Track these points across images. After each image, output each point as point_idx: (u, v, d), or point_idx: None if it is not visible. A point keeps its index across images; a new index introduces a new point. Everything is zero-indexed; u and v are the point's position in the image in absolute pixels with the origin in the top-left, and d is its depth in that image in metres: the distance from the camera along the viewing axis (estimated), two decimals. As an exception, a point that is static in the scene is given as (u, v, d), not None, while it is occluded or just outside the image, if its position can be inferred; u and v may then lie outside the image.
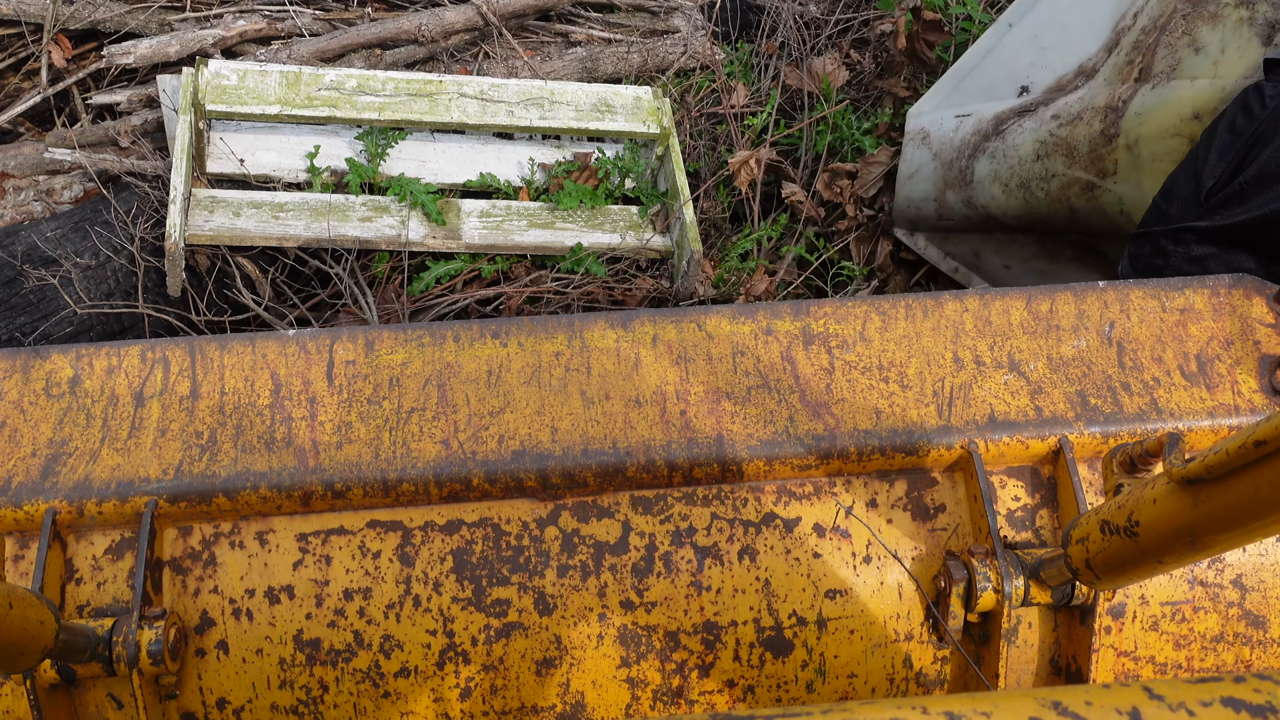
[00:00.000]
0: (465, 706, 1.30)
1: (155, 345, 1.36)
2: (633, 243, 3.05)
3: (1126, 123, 2.42)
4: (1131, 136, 2.40)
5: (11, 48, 3.36)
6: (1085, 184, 2.57)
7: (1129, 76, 2.51)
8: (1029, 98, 2.86)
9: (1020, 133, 2.77)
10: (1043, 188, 2.68)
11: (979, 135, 2.92)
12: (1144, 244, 2.07)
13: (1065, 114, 2.64)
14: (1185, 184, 1.99)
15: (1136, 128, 2.39)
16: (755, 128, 3.45)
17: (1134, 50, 2.54)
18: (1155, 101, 2.37)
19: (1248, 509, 0.87)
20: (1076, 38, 2.78)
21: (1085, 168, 2.56)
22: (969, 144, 2.95)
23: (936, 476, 1.37)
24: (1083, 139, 2.55)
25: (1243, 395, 1.38)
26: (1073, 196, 2.61)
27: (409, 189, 2.95)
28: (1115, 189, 2.49)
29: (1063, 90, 2.75)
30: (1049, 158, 2.65)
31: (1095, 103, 2.56)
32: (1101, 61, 2.66)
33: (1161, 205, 2.05)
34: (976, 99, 3.04)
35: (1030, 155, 2.71)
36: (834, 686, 1.34)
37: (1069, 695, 0.61)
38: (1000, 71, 2.99)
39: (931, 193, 3.07)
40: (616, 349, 1.38)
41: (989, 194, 2.86)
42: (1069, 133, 2.59)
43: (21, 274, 2.54)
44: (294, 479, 1.27)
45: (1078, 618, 1.30)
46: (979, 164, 2.90)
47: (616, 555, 1.31)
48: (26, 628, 0.98)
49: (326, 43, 3.34)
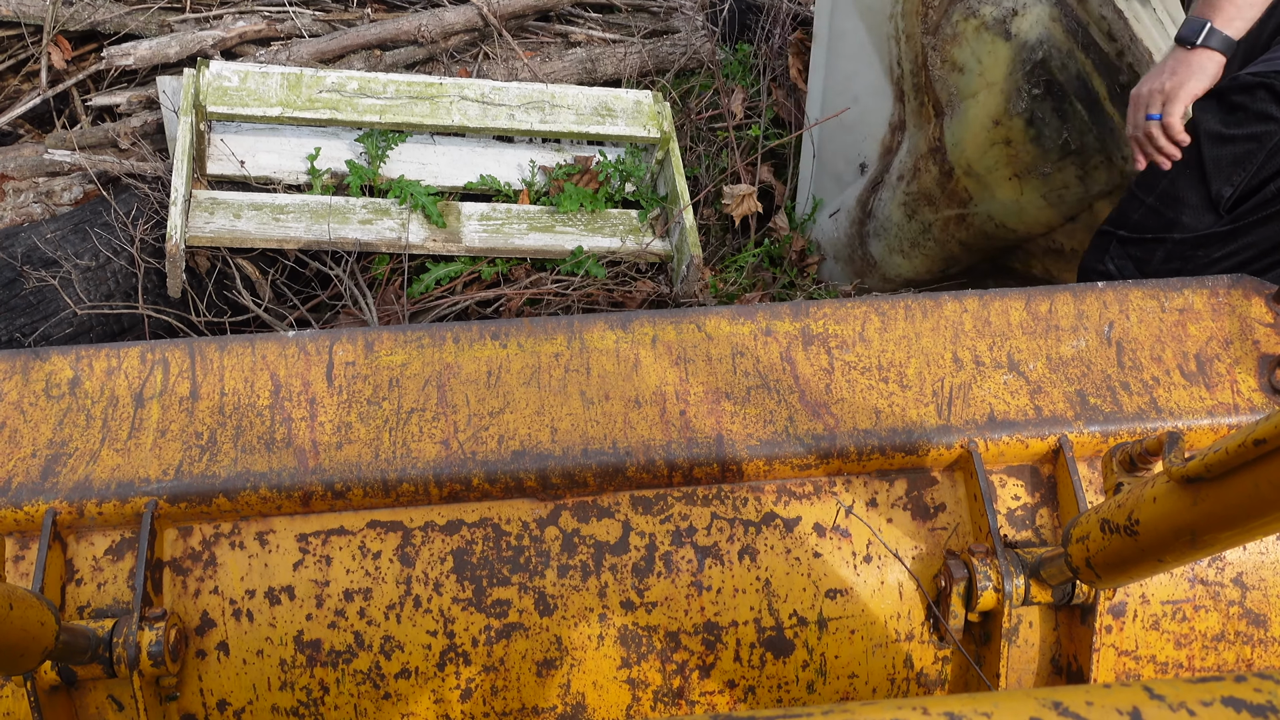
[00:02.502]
0: (466, 707, 1.29)
1: (155, 346, 1.36)
2: (632, 246, 3.05)
3: (952, 155, 2.68)
4: (963, 164, 2.66)
5: (11, 49, 3.36)
6: (956, 217, 2.81)
7: (929, 116, 2.74)
8: (870, 171, 3.10)
9: (884, 205, 3.01)
10: (929, 237, 2.93)
11: (856, 224, 3.16)
12: (1154, 249, 2.07)
13: (905, 171, 2.89)
14: (1193, 192, 2.00)
15: (962, 155, 2.65)
16: (752, 136, 3.46)
17: (918, 93, 2.77)
18: (960, 128, 2.62)
19: (1247, 507, 0.87)
20: (871, 104, 3.03)
21: (948, 205, 2.80)
22: (854, 235, 3.18)
23: (936, 476, 1.37)
24: (931, 184, 2.80)
25: (1242, 394, 1.38)
26: (954, 232, 2.85)
27: (409, 191, 2.95)
28: (980, 209, 2.74)
29: (891, 151, 2.99)
30: (918, 213, 2.89)
31: (920, 150, 2.80)
32: (902, 112, 2.90)
33: (1165, 212, 2.06)
34: (835, 192, 3.29)
35: (903, 219, 2.95)
36: (835, 687, 1.34)
37: (1070, 695, 0.61)
38: (837, 160, 3.25)
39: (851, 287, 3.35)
40: (616, 350, 1.38)
41: (894, 266, 3.10)
42: (918, 185, 2.84)
43: (21, 275, 2.54)
44: (294, 479, 1.27)
45: (1078, 617, 1.30)
46: (872, 247, 3.13)
47: (617, 555, 1.31)
48: (27, 629, 0.98)
49: (326, 44, 3.34)
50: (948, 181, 2.73)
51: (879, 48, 2.89)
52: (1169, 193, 2.06)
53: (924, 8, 2.62)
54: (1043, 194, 2.57)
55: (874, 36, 2.89)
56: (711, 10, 3.83)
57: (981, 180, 2.65)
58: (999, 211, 2.69)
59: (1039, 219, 2.65)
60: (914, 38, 2.69)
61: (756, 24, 3.76)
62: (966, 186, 2.69)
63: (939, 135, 2.69)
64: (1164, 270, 2.07)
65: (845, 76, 3.08)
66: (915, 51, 2.70)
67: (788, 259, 3.35)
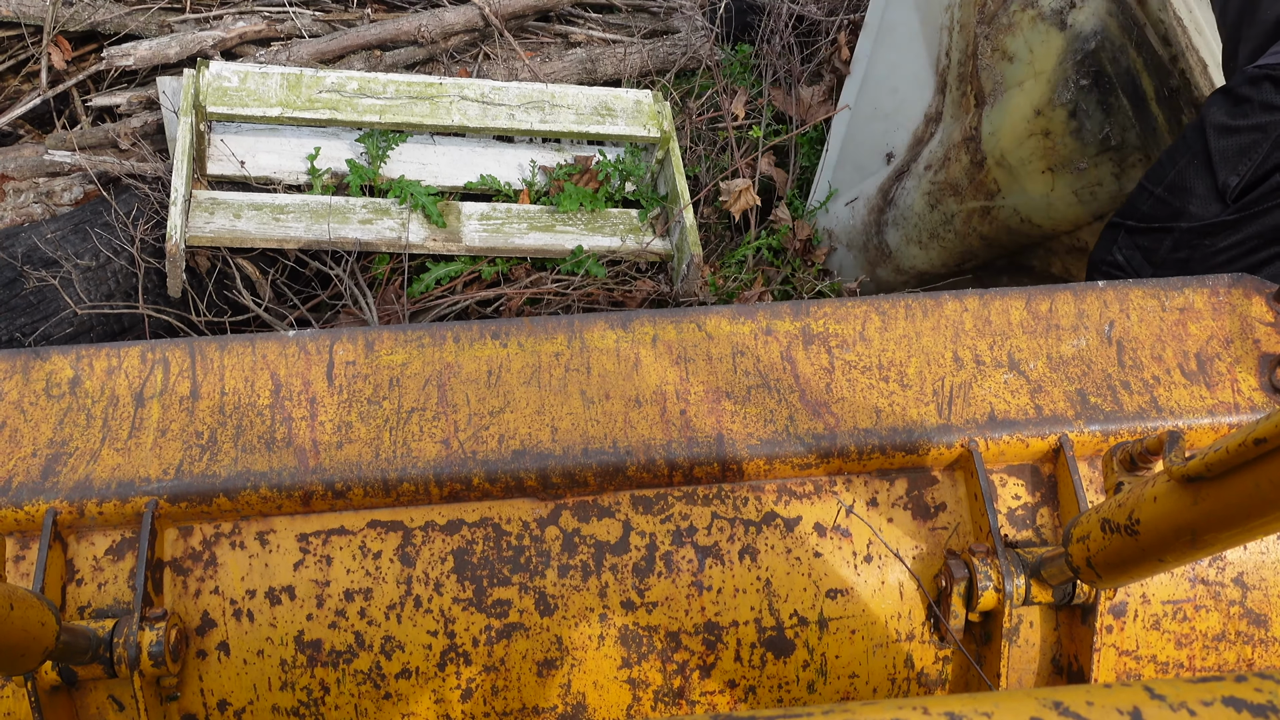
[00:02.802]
0: (466, 707, 1.29)
1: (155, 346, 1.36)
2: (633, 246, 3.05)
3: (986, 144, 2.66)
4: (996, 154, 2.63)
5: (11, 50, 3.36)
6: (981, 210, 2.78)
7: (969, 107, 2.74)
8: (897, 161, 3.09)
9: (907, 194, 3.00)
10: (949, 229, 2.90)
11: (875, 212, 3.15)
12: (1162, 239, 2.08)
13: (934, 161, 2.87)
14: (1200, 181, 2.01)
15: (997, 145, 2.62)
16: (754, 136, 3.46)
17: (961, 83, 2.77)
18: (1000, 117, 2.60)
19: (1248, 507, 0.87)
20: (910, 94, 3.04)
21: (974, 196, 2.77)
22: (871, 223, 3.17)
23: (937, 475, 1.37)
24: (960, 174, 2.78)
25: (1242, 393, 1.38)
26: (976, 225, 2.82)
27: (409, 191, 2.95)
28: (1006, 202, 2.71)
29: (922, 142, 2.98)
30: (941, 203, 2.88)
31: (953, 139, 2.79)
32: (940, 104, 2.90)
33: (1172, 201, 2.08)
34: (855, 181, 3.28)
35: (925, 208, 2.94)
36: (835, 687, 1.34)
37: (1070, 695, 0.61)
38: (862, 150, 3.25)
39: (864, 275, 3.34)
40: (616, 349, 1.38)
41: (910, 256, 3.08)
42: (946, 175, 2.83)
43: (22, 275, 2.54)
44: (294, 479, 1.27)
45: (1079, 617, 1.30)
46: (889, 235, 3.12)
47: (617, 555, 1.31)
48: (27, 629, 0.98)
49: (326, 44, 3.34)
50: (977, 172, 2.72)
51: (929, 39, 2.91)
52: (1176, 183, 2.07)
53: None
54: (1075, 189, 2.56)
55: (926, 28, 2.92)
56: (711, 10, 3.83)
57: (1013, 172, 2.64)
58: (1026, 206, 2.68)
59: (1067, 215, 2.64)
60: (968, 27, 2.70)
61: (757, 24, 3.75)
62: (996, 178, 2.69)
63: (976, 124, 2.69)
64: (1171, 259, 2.07)
65: (889, 67, 3.10)
66: (967, 40, 2.71)
67: (790, 249, 3.34)
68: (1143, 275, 2.11)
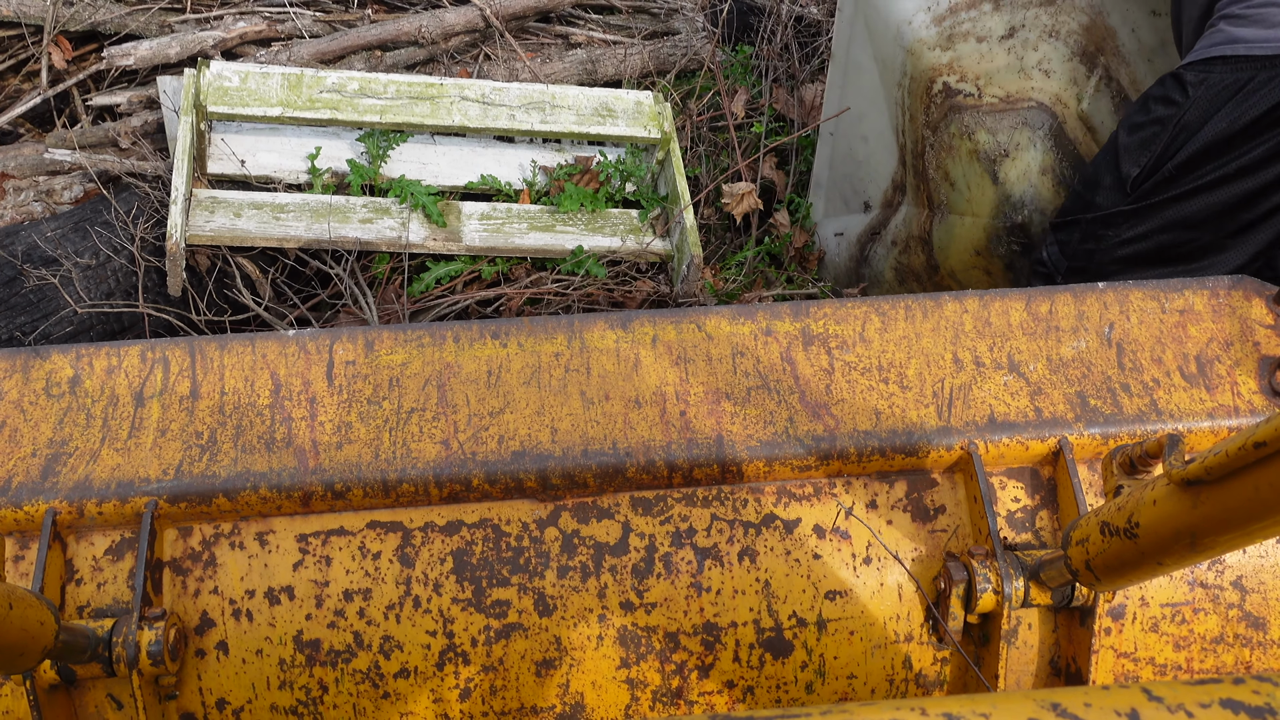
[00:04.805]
0: (465, 707, 1.29)
1: (155, 345, 1.36)
2: (633, 246, 3.05)
3: (938, 254, 2.69)
4: (947, 267, 2.68)
5: (12, 49, 3.36)
6: None
7: (923, 204, 2.73)
8: (872, 216, 3.08)
9: (878, 259, 3.03)
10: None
11: (854, 261, 3.18)
12: (1073, 231, 2.16)
13: (899, 239, 2.89)
14: (1108, 174, 2.10)
15: (946, 260, 2.66)
16: (756, 133, 3.46)
17: (915, 175, 2.74)
18: (946, 237, 2.62)
19: (1247, 510, 0.87)
20: (878, 150, 2.97)
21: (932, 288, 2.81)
22: (852, 269, 3.20)
23: (936, 477, 1.37)
24: (920, 267, 2.82)
25: (1242, 396, 1.38)
26: None
27: (410, 191, 2.95)
28: None
29: (890, 206, 2.97)
30: (906, 282, 2.93)
31: (912, 231, 2.80)
32: (903, 176, 2.86)
33: (1085, 194, 2.16)
34: (840, 212, 3.28)
35: (893, 281, 2.98)
36: (833, 687, 1.34)
37: (1068, 697, 0.61)
38: (844, 185, 3.23)
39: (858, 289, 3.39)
40: (616, 350, 1.38)
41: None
42: (908, 260, 2.87)
43: (22, 274, 2.54)
44: (294, 479, 1.27)
45: (1078, 619, 1.30)
46: (867, 289, 3.18)
47: (616, 556, 1.31)
48: (26, 628, 0.98)
49: (326, 44, 3.35)
50: (933, 274, 2.74)
51: (889, 100, 2.80)
52: (1090, 177, 2.17)
53: (927, 98, 2.54)
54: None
55: (886, 88, 2.80)
56: (712, 11, 3.83)
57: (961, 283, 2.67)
58: None
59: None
60: (916, 121, 2.61)
61: (758, 24, 3.75)
62: (946, 284, 2.72)
63: (928, 229, 2.68)
64: (1080, 250, 2.13)
65: (857, 112, 3.00)
66: (917, 135, 2.63)
67: (786, 257, 3.35)
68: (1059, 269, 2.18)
